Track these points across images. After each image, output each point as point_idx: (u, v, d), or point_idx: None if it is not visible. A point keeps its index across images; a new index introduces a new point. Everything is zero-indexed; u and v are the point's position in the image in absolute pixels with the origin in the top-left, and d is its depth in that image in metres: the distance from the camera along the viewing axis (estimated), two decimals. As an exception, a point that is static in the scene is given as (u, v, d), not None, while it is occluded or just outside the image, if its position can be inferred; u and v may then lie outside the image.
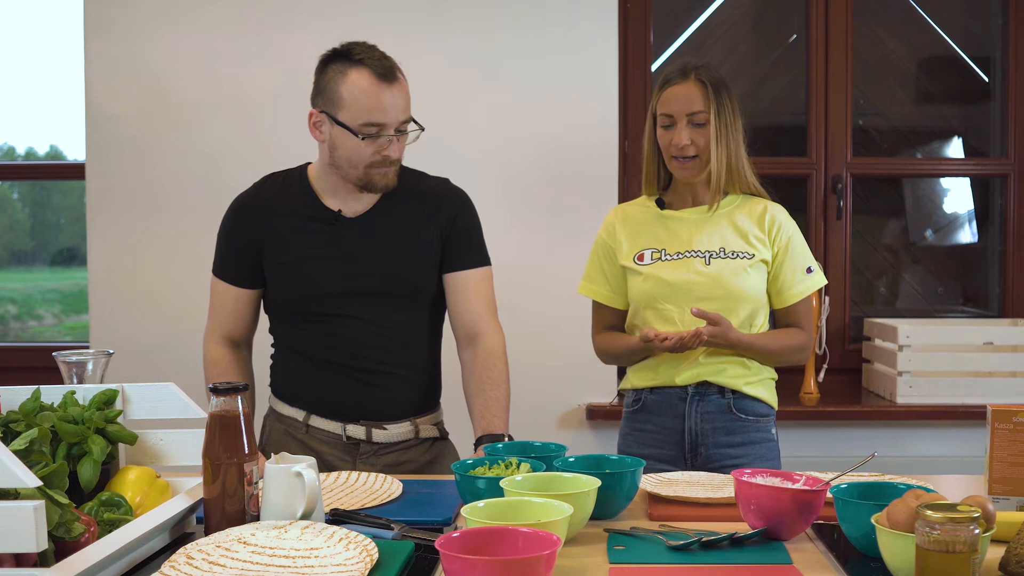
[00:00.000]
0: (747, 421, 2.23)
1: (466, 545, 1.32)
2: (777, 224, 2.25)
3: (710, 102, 2.18)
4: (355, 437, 2.17)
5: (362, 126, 2.05)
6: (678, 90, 2.20)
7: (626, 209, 2.36)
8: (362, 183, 2.11)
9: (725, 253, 2.21)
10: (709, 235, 2.23)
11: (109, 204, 3.25)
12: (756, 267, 2.22)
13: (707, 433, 2.22)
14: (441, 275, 2.22)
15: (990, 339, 3.14)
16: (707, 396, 2.22)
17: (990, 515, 1.41)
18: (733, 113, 2.21)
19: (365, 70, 2.04)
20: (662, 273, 2.22)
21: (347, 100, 2.05)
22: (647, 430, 2.28)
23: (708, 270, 2.20)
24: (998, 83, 3.54)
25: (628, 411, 2.33)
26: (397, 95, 2.07)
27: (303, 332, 2.18)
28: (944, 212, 3.70)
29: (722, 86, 2.21)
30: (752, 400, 2.24)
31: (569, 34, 3.22)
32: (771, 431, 2.28)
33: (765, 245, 2.23)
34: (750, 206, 2.27)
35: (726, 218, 2.25)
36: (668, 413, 2.25)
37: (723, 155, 2.20)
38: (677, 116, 2.20)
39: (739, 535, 1.55)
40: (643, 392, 2.28)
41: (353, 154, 2.08)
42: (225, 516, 1.54)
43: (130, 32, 3.22)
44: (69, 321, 4.60)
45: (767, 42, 3.61)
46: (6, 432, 1.53)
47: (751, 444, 2.24)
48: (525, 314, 3.00)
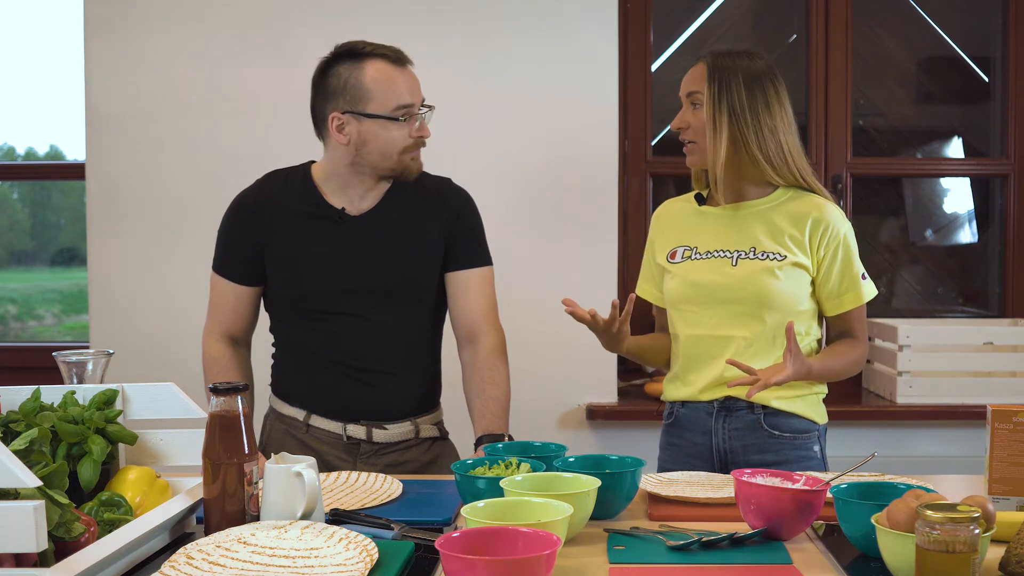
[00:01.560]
0: (783, 438, 2.08)
1: (466, 545, 1.32)
2: (824, 225, 2.06)
3: (706, 83, 2.05)
4: (355, 437, 2.17)
5: (395, 110, 2.08)
6: (688, 72, 2.12)
7: (670, 205, 2.25)
8: (396, 172, 2.14)
9: (755, 253, 2.06)
10: (741, 234, 2.09)
11: (109, 204, 3.25)
12: (787, 271, 2.05)
13: (737, 451, 2.09)
14: (442, 274, 2.22)
15: (990, 339, 3.14)
16: (734, 412, 2.09)
17: (990, 515, 1.41)
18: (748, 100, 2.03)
19: (380, 59, 2.09)
20: (690, 273, 2.11)
21: (373, 90, 2.07)
22: (680, 445, 2.18)
23: (734, 271, 2.06)
24: (998, 83, 3.54)
25: (665, 424, 2.24)
26: (412, 76, 2.13)
27: (304, 331, 2.18)
28: (944, 212, 3.70)
29: (733, 71, 2.04)
30: (787, 416, 2.08)
31: (569, 34, 3.21)
32: (813, 448, 2.12)
33: (803, 248, 2.06)
34: (796, 204, 2.09)
35: (762, 216, 2.09)
36: (698, 428, 2.13)
37: (720, 142, 2.03)
38: (681, 97, 2.13)
39: (739, 535, 1.55)
40: (675, 405, 2.19)
41: (388, 144, 2.09)
42: (225, 516, 1.54)
43: (130, 32, 3.22)
44: (69, 321, 4.60)
45: (767, 42, 3.61)
46: (6, 432, 1.53)
47: (788, 463, 2.07)
48: (525, 314, 2.99)
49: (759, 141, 2.05)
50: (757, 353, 2.07)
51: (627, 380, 3.37)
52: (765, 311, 2.05)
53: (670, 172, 3.52)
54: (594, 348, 3.31)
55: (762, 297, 2.04)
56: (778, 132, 2.06)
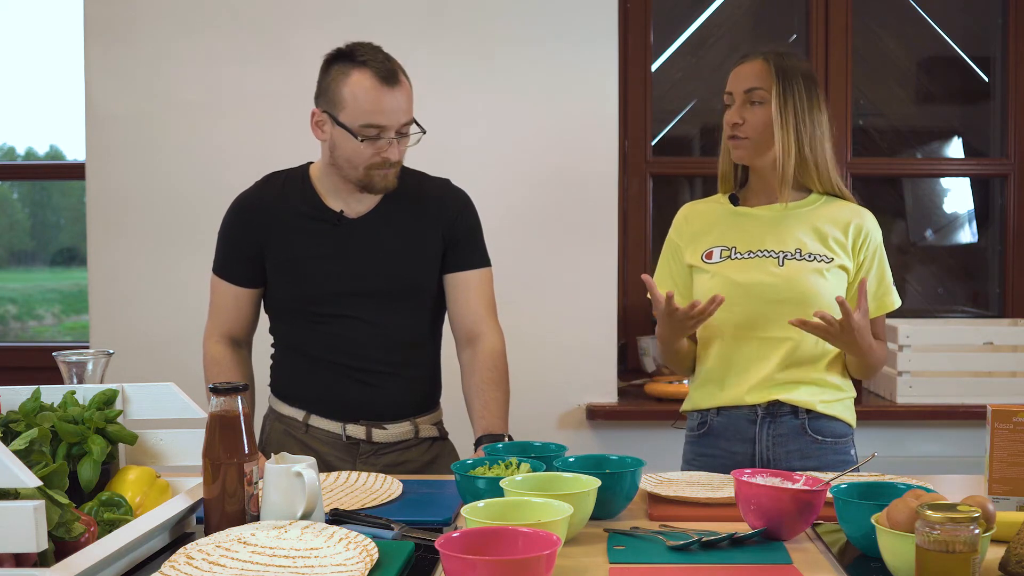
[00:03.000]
0: (824, 443, 2.07)
1: (466, 545, 1.32)
2: (864, 231, 2.09)
3: (772, 80, 2.05)
4: (355, 437, 2.17)
5: (362, 127, 2.05)
6: (742, 68, 2.11)
7: (696, 206, 2.22)
8: (362, 184, 2.11)
9: (801, 255, 2.06)
10: (784, 235, 2.08)
11: (109, 204, 3.25)
12: (834, 272, 2.05)
13: (780, 458, 2.06)
14: (442, 276, 2.22)
15: (990, 339, 3.14)
16: (779, 417, 2.06)
17: (990, 515, 1.41)
18: (808, 102, 2.06)
19: (367, 72, 2.04)
20: (731, 272, 2.07)
21: (348, 101, 2.05)
22: (715, 455, 2.11)
23: (781, 271, 2.04)
24: (998, 83, 3.54)
25: (692, 435, 2.17)
26: (399, 98, 2.06)
27: (303, 332, 2.18)
28: (944, 212, 3.70)
29: (795, 72, 2.06)
30: (829, 419, 2.07)
31: (569, 34, 3.21)
32: (850, 452, 2.11)
33: (846, 252, 2.08)
34: (834, 208, 2.11)
35: (804, 218, 2.10)
36: (737, 437, 2.08)
37: (790, 141, 2.04)
38: (736, 93, 2.10)
39: (739, 535, 1.55)
40: (708, 413, 2.12)
41: (353, 155, 2.08)
42: (225, 516, 1.54)
43: (130, 32, 3.22)
44: (69, 321, 4.60)
45: (767, 42, 3.59)
46: (6, 432, 1.53)
47: (829, 468, 2.03)
48: (525, 314, 3.00)
49: (812, 144, 2.08)
50: (803, 356, 2.06)
51: (627, 380, 3.37)
52: (811, 311, 1.99)
53: (670, 172, 3.52)
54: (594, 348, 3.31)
55: (811, 297, 2.02)
56: (826, 139, 2.10)
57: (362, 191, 2.13)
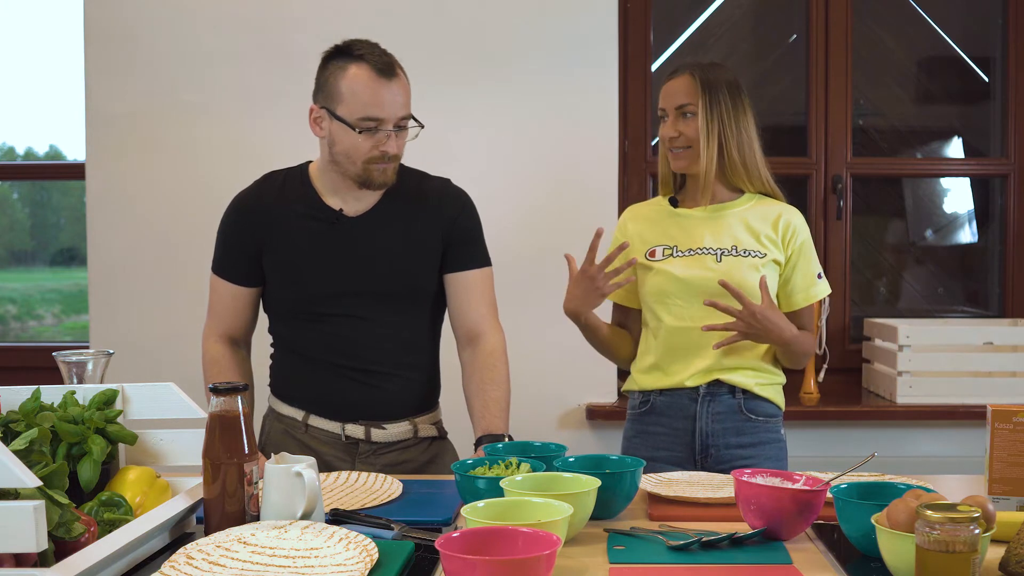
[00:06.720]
0: (757, 421, 2.23)
1: (466, 545, 1.32)
2: (792, 227, 2.25)
3: (698, 95, 2.20)
4: (354, 437, 2.17)
5: (360, 120, 2.05)
6: (670, 85, 2.27)
7: (639, 209, 2.38)
8: (360, 179, 2.12)
9: (737, 251, 2.21)
10: (720, 233, 2.24)
11: (109, 204, 3.25)
12: (768, 267, 2.21)
13: (718, 434, 2.22)
14: (442, 275, 2.22)
15: (990, 339, 3.14)
16: (718, 396, 2.22)
17: (990, 515, 1.41)
18: (733, 110, 2.21)
19: (364, 65, 2.05)
20: (673, 269, 2.22)
21: (346, 95, 2.06)
22: (656, 432, 2.27)
23: (719, 267, 2.20)
24: (998, 83, 3.54)
25: (634, 413, 2.32)
26: (396, 91, 2.07)
27: (303, 332, 2.18)
28: (944, 212, 3.70)
29: (719, 84, 2.21)
30: (762, 400, 2.24)
31: (569, 34, 3.21)
32: (780, 431, 2.28)
33: (777, 247, 2.24)
34: (764, 207, 2.27)
35: (738, 217, 2.25)
36: (678, 414, 2.24)
37: (714, 148, 2.20)
38: (668, 109, 2.26)
39: (739, 535, 1.56)
40: (651, 394, 2.28)
41: (352, 149, 2.08)
42: (225, 516, 1.54)
43: (130, 32, 3.22)
44: (69, 321, 4.60)
45: (767, 42, 3.61)
46: (6, 432, 1.53)
47: (761, 444, 2.24)
48: (525, 314, 2.99)
49: (740, 148, 2.23)
50: (741, 345, 2.20)
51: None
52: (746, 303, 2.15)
53: (670, 172, 3.51)
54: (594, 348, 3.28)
55: (747, 290, 2.15)
56: (753, 141, 2.25)
57: (361, 187, 2.13)
